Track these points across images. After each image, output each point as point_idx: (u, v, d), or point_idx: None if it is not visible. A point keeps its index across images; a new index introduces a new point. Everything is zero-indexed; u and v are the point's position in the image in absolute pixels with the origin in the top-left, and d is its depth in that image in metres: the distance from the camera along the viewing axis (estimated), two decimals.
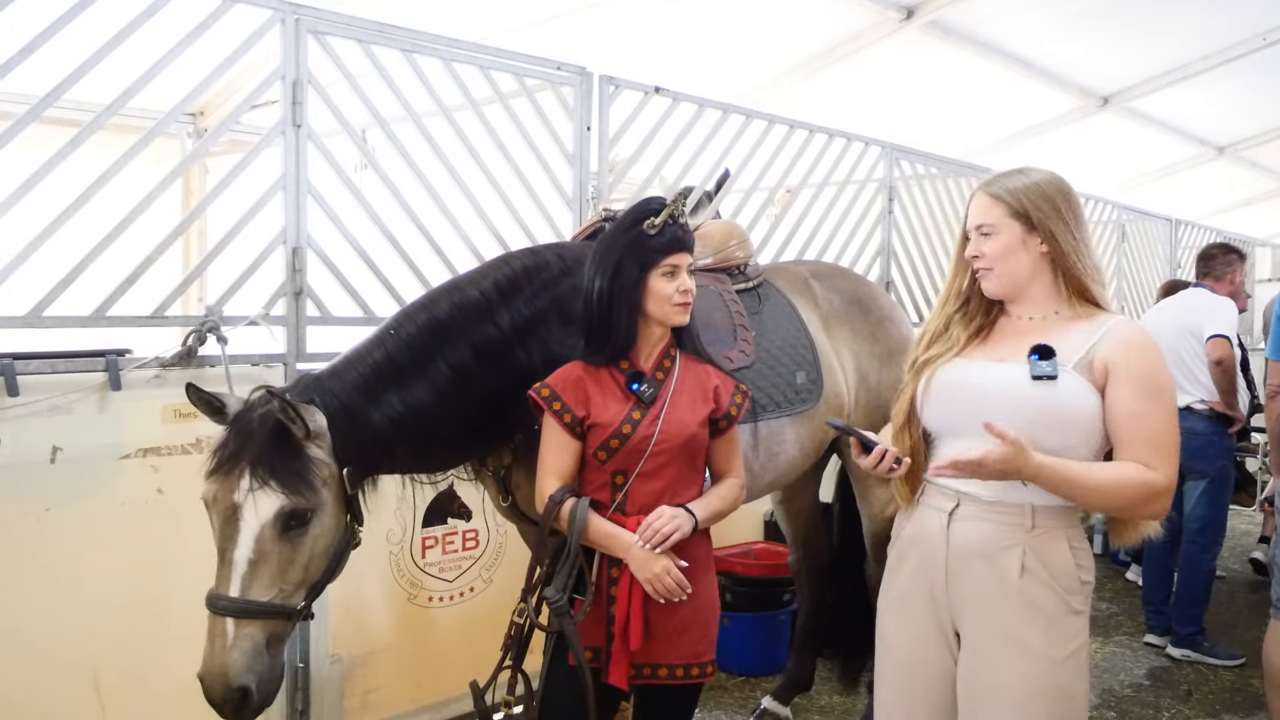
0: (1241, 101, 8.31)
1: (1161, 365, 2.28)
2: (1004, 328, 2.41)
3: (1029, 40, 6.75)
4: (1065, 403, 2.22)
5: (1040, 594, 2.24)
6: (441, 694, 3.92)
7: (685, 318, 2.60)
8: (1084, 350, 2.26)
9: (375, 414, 2.61)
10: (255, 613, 2.37)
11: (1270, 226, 12.03)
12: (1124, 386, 2.22)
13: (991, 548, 2.26)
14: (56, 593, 3.06)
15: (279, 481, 2.37)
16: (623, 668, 2.53)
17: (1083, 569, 2.28)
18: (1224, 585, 6.73)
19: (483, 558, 4.05)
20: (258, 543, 2.37)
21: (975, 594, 2.27)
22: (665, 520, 2.49)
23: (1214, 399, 5.34)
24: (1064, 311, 2.35)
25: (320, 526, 2.48)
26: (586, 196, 4.29)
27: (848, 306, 3.83)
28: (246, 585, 2.37)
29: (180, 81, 3.33)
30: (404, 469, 2.82)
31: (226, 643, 2.33)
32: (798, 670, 4.33)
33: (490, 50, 4.02)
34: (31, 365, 3.01)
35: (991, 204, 2.35)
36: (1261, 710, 4.49)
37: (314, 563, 2.49)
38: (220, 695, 2.32)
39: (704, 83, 5.37)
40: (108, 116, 3.10)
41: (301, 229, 3.50)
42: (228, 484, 2.38)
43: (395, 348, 2.69)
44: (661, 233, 2.53)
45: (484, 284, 2.81)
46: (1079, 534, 2.32)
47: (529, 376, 2.68)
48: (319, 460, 2.47)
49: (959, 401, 2.32)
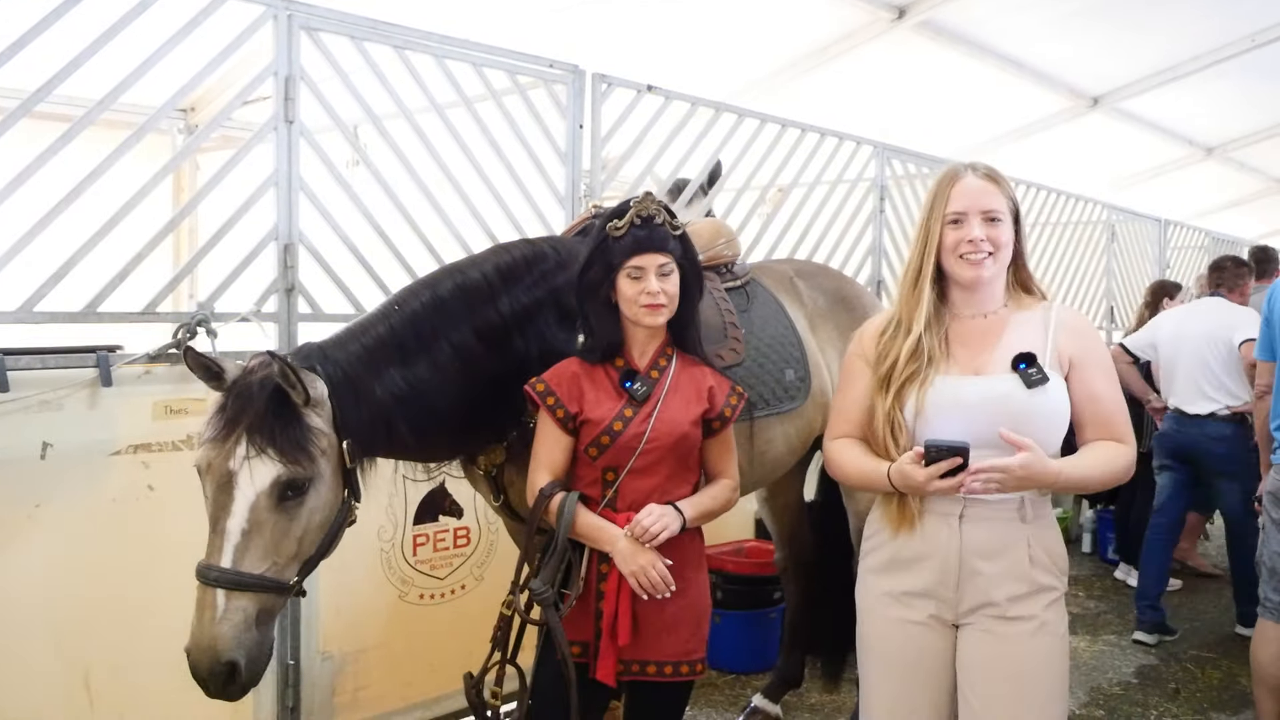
0: (1231, 102, 8.34)
1: (1103, 344, 2.50)
2: (958, 331, 2.39)
3: (1020, 40, 6.76)
4: (1058, 404, 2.31)
5: (1046, 578, 2.35)
6: (432, 691, 3.92)
7: (655, 319, 2.56)
8: (1048, 346, 2.34)
9: (378, 387, 2.57)
10: (247, 585, 2.29)
11: (1259, 227, 12.08)
12: (1087, 372, 2.36)
13: (1003, 545, 2.33)
14: (46, 589, 3.05)
15: (277, 450, 2.30)
16: (610, 663, 2.54)
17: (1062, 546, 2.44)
18: (1212, 583, 6.76)
19: (474, 555, 4.05)
20: (252, 512, 2.30)
21: (990, 589, 2.32)
22: (654, 518, 2.49)
23: (1238, 404, 5.38)
24: (1010, 304, 2.41)
25: (317, 499, 2.41)
26: (579, 194, 4.29)
27: (832, 305, 3.85)
28: (239, 556, 2.29)
29: (172, 77, 3.32)
30: (403, 449, 2.75)
31: (216, 615, 2.26)
32: (787, 668, 4.34)
33: (483, 47, 4.02)
34: (22, 361, 3.00)
35: (996, 190, 2.34)
36: (1249, 708, 4.51)
37: (309, 536, 2.42)
38: (207, 670, 2.26)
39: (696, 81, 5.37)
40: (99, 112, 3.09)
41: (293, 225, 3.49)
42: (223, 451, 2.31)
43: (399, 323, 2.65)
44: (625, 235, 2.52)
45: (485, 267, 2.81)
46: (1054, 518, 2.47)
47: (525, 366, 2.69)
48: (318, 430, 2.40)
49: (960, 422, 2.28)
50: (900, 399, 2.34)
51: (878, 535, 2.49)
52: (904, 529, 2.38)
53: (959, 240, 2.32)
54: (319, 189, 3.57)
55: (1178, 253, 9.42)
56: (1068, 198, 7.38)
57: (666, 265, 2.54)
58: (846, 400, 2.52)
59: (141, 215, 3.23)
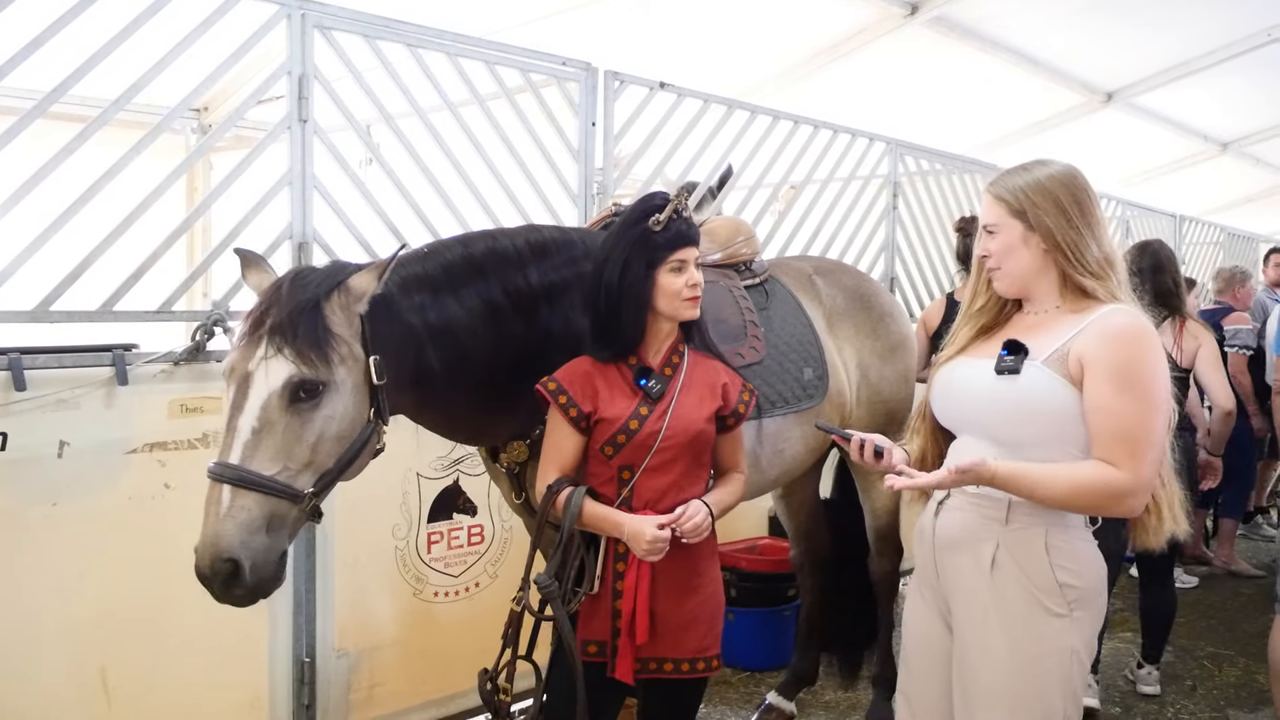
0: (1246, 98, 8.30)
1: (1145, 357, 2.18)
2: (1017, 323, 2.42)
3: (1033, 36, 6.74)
4: (1026, 396, 2.22)
5: (1010, 590, 2.23)
6: (447, 689, 3.92)
7: (695, 311, 2.60)
8: (1060, 343, 2.24)
9: (412, 315, 2.57)
10: (254, 484, 2.26)
11: (1274, 223, 12.02)
12: (1093, 380, 2.18)
13: (969, 538, 2.30)
14: (63, 588, 3.06)
15: (294, 350, 2.30)
16: (628, 662, 2.54)
17: (1062, 570, 2.22)
18: (1229, 580, 6.73)
19: (488, 553, 4.05)
20: (264, 411, 2.29)
21: (956, 582, 2.33)
22: (702, 516, 2.51)
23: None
24: (1063, 306, 2.34)
25: (333, 407, 2.37)
26: (591, 192, 4.29)
27: (850, 303, 3.84)
28: (249, 454, 2.28)
29: (185, 77, 3.33)
30: (430, 391, 2.67)
31: (220, 511, 2.25)
32: (802, 665, 4.33)
33: (496, 45, 4.02)
34: (38, 360, 3.01)
35: (994, 203, 2.37)
36: (1267, 705, 4.49)
37: (323, 445, 2.37)
38: (209, 566, 2.23)
39: (708, 78, 5.36)
40: (114, 112, 3.10)
41: (307, 224, 3.50)
42: (247, 353, 2.32)
43: (432, 268, 2.66)
44: (667, 228, 2.52)
45: (516, 240, 2.82)
46: (1065, 534, 2.25)
47: (548, 341, 2.71)
48: (339, 336, 2.38)
49: (950, 399, 2.41)
50: (933, 376, 2.49)
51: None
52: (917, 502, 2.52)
53: (979, 255, 2.44)
54: (333, 188, 3.58)
55: (1193, 248, 9.38)
56: None
57: (699, 259, 2.60)
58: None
59: (156, 214, 3.24)
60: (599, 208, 4.16)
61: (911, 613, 2.51)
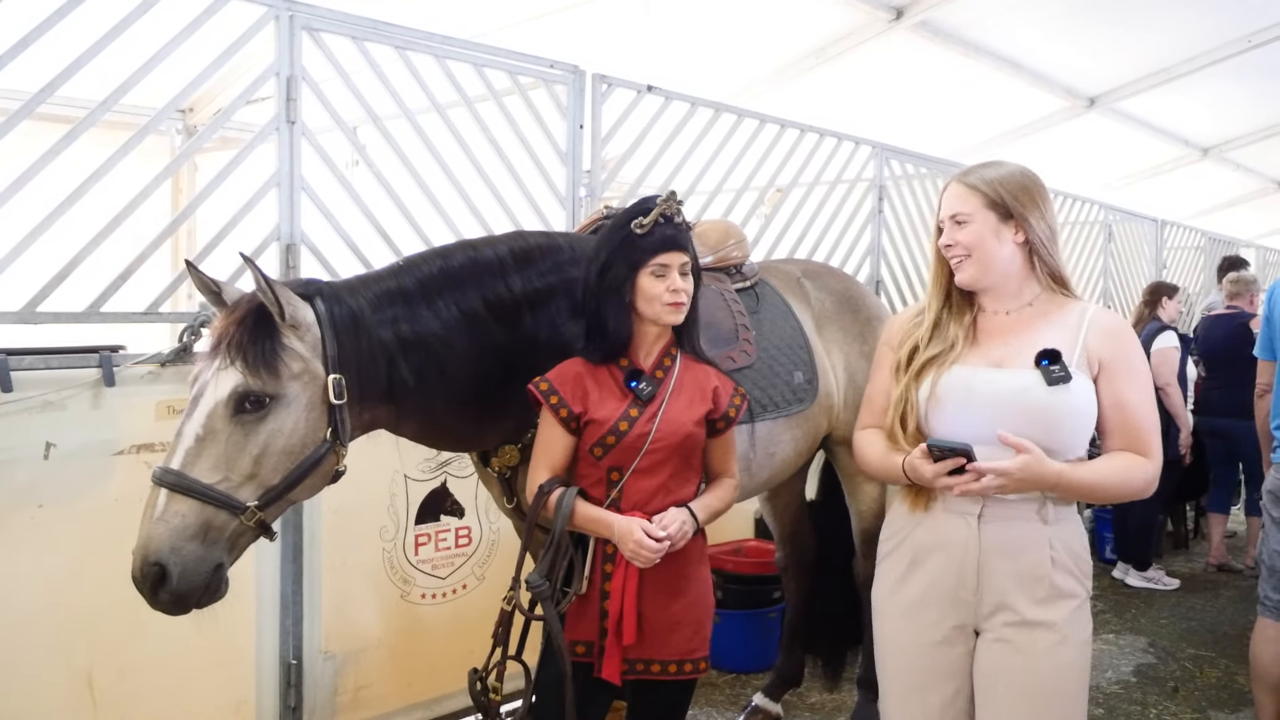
0: (1227, 103, 8.37)
1: (1139, 351, 2.39)
2: (985, 325, 2.43)
3: (1017, 41, 6.79)
4: (1078, 403, 2.28)
5: (1068, 582, 2.33)
6: (433, 691, 3.92)
7: (677, 317, 2.58)
8: (1077, 346, 2.31)
9: (383, 330, 2.56)
10: (190, 491, 2.26)
11: (1255, 227, 12.13)
12: (1115, 377, 2.32)
13: (1024, 544, 2.32)
14: (49, 590, 3.05)
15: (243, 362, 2.32)
16: (615, 663, 2.54)
17: (1087, 556, 2.40)
18: (1210, 583, 6.79)
19: (475, 555, 4.05)
20: (209, 419, 2.31)
21: (1009, 590, 2.31)
22: (679, 524, 2.50)
23: None
24: (1038, 303, 2.39)
25: (280, 421, 2.37)
26: (579, 195, 4.29)
27: (838, 306, 3.85)
28: (190, 461, 2.29)
29: (173, 78, 3.32)
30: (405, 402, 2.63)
31: (154, 515, 2.26)
32: (787, 667, 4.34)
33: (484, 48, 4.03)
34: (25, 361, 3.00)
35: (967, 193, 2.39)
36: (1247, 706, 4.53)
37: (268, 459, 2.36)
38: (138, 569, 2.25)
39: (696, 82, 5.38)
40: (102, 113, 3.10)
41: (295, 225, 3.50)
42: (206, 364, 2.37)
43: (409, 283, 2.65)
44: (651, 232, 2.52)
45: (499, 248, 2.80)
46: (1078, 524, 2.42)
47: (534, 348, 2.69)
48: (294, 351, 2.39)
49: (971, 412, 2.31)
50: (918, 380, 2.40)
51: (894, 535, 2.51)
52: (918, 508, 2.42)
53: (943, 245, 2.44)
54: (320, 189, 3.58)
55: (1175, 253, 9.45)
56: (1064, 198, 7.39)
57: (686, 264, 2.57)
58: (874, 389, 2.60)
59: (142, 216, 3.23)
60: (586, 210, 4.17)
61: (901, 634, 2.46)
